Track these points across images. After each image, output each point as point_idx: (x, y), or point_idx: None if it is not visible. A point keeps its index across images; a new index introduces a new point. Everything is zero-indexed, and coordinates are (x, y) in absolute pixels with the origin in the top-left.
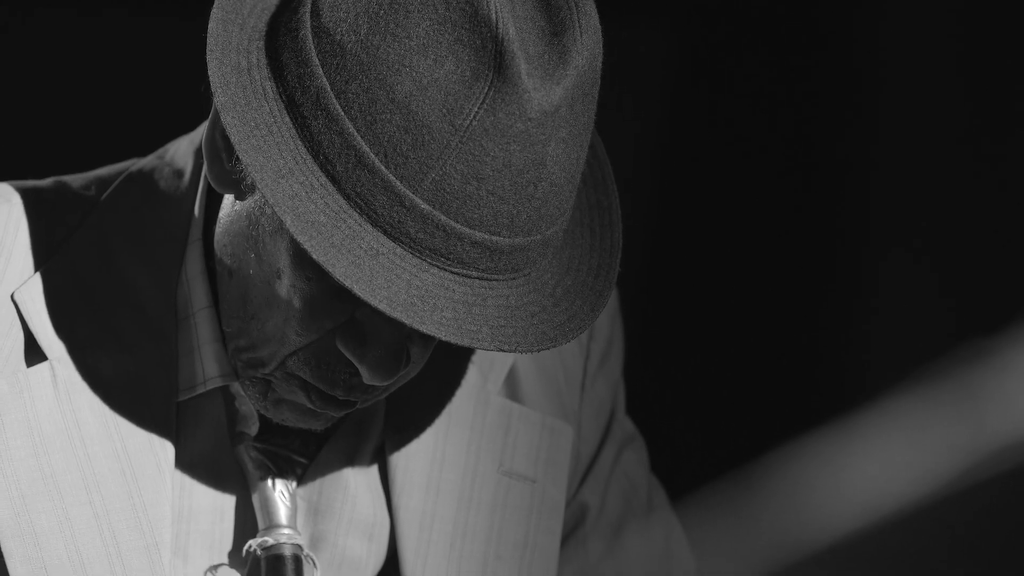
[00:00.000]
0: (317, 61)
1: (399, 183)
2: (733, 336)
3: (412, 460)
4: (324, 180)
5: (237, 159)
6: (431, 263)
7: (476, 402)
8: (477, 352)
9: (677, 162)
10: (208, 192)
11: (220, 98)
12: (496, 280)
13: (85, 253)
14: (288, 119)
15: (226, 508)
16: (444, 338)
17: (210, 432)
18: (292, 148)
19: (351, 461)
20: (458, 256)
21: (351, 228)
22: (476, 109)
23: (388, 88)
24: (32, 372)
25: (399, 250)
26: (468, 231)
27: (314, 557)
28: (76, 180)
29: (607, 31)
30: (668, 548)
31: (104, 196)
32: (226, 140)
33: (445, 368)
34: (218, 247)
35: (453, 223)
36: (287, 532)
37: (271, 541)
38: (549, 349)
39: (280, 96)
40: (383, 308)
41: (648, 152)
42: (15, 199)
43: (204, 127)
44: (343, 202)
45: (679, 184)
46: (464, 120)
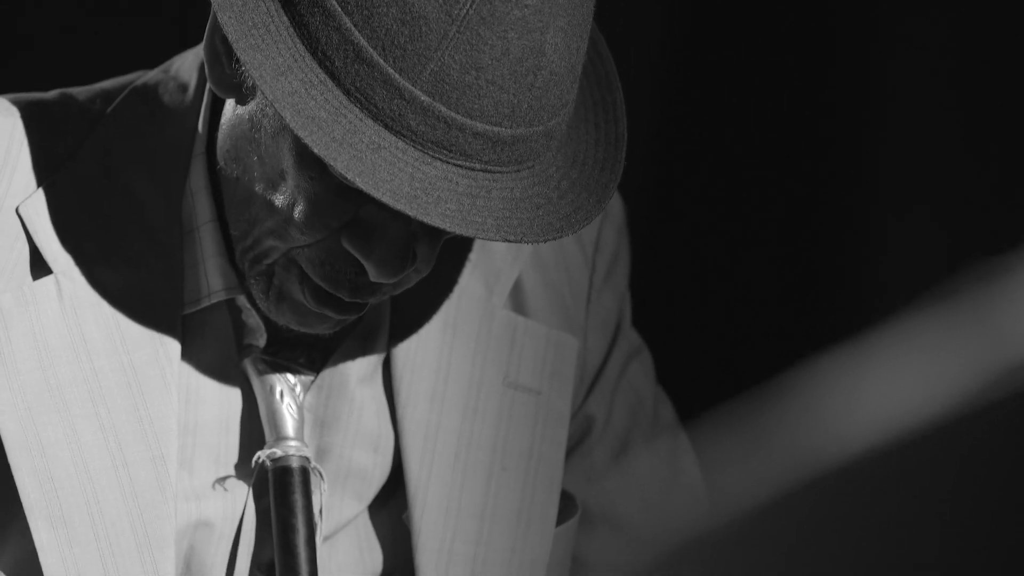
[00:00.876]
0: None
1: (398, 76)
2: (745, 254)
3: (417, 372)
4: (323, 76)
5: (237, 61)
6: (433, 156)
7: (481, 315)
8: (482, 265)
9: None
10: (212, 106)
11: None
12: (500, 172)
13: (90, 167)
14: (286, 17)
15: (232, 421)
16: (449, 229)
17: (216, 345)
18: (290, 46)
19: (356, 374)
20: (460, 148)
21: (351, 123)
22: None
23: None
24: (37, 286)
25: (400, 143)
26: (469, 122)
27: (321, 469)
28: (81, 93)
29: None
30: (674, 459)
31: (109, 110)
32: (225, 43)
33: (450, 281)
34: (221, 152)
35: (454, 114)
36: (295, 444)
37: (279, 453)
38: (555, 239)
39: None
40: (386, 201)
41: (648, 68)
42: (19, 112)
43: None
44: (343, 97)
45: (690, 96)
46: (461, 9)
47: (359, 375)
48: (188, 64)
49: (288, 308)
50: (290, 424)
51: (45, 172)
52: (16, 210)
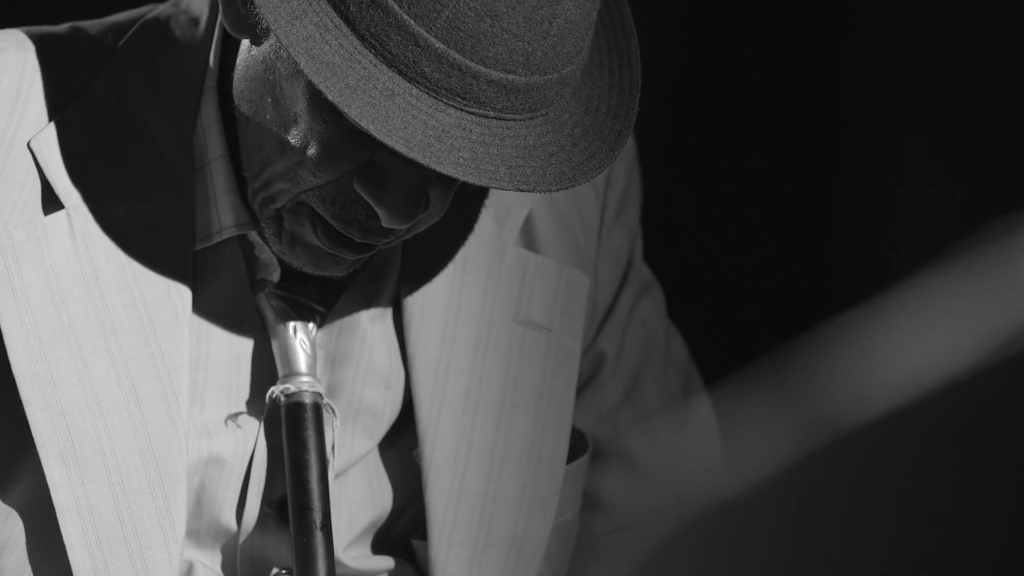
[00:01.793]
0: None
1: (413, 22)
2: (763, 217)
3: (428, 309)
4: (338, 20)
5: (251, 2)
6: (447, 103)
7: (492, 252)
8: (493, 202)
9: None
10: (224, 40)
11: None
12: (513, 120)
13: (101, 101)
14: None
15: (243, 356)
16: (462, 178)
17: (229, 280)
18: None
19: (368, 311)
20: (474, 95)
21: (365, 68)
22: None
23: None
24: (49, 220)
25: (415, 90)
26: (484, 70)
27: (333, 406)
28: (92, 27)
29: None
30: (686, 395)
31: (120, 43)
32: None
33: (461, 218)
34: (236, 93)
35: (468, 61)
36: (307, 380)
37: (292, 388)
38: (567, 188)
39: None
40: (400, 148)
41: (661, 17)
42: (31, 46)
43: None
44: (357, 42)
45: (703, 43)
46: None
47: (370, 312)
48: None
49: (302, 251)
50: (303, 360)
51: (57, 106)
52: (28, 144)
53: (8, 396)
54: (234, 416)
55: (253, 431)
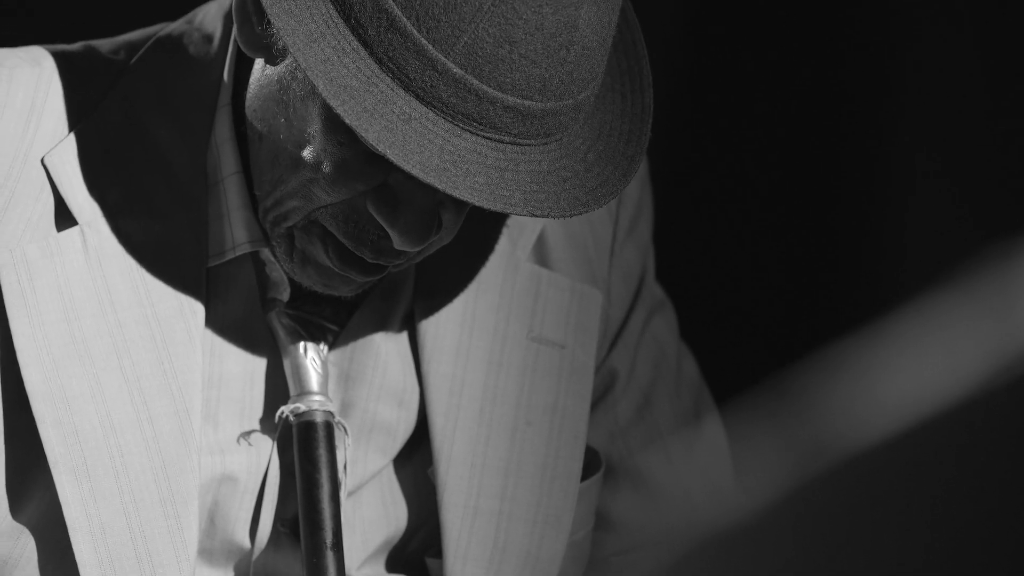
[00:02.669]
0: None
1: (431, 47)
2: (763, 241)
3: (442, 326)
4: (356, 44)
5: (268, 23)
6: (464, 128)
7: (505, 268)
8: (506, 218)
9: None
10: (237, 57)
11: None
12: (528, 145)
13: (115, 118)
14: None
15: (256, 374)
16: (477, 203)
17: (241, 298)
18: (323, 12)
19: (381, 328)
20: (491, 121)
21: (383, 92)
22: None
23: None
24: (63, 237)
25: (431, 115)
26: (500, 95)
27: (345, 424)
28: (105, 44)
29: None
30: (697, 414)
31: (133, 61)
32: (256, 4)
33: (474, 235)
34: (249, 112)
35: (485, 87)
36: (319, 399)
37: (303, 407)
38: (581, 215)
39: None
40: (416, 173)
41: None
42: (45, 63)
43: None
44: (375, 66)
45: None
46: None
47: (384, 329)
48: (212, 15)
49: (313, 270)
50: (314, 378)
51: (70, 122)
52: (42, 160)
53: (21, 413)
54: (247, 434)
55: (267, 449)
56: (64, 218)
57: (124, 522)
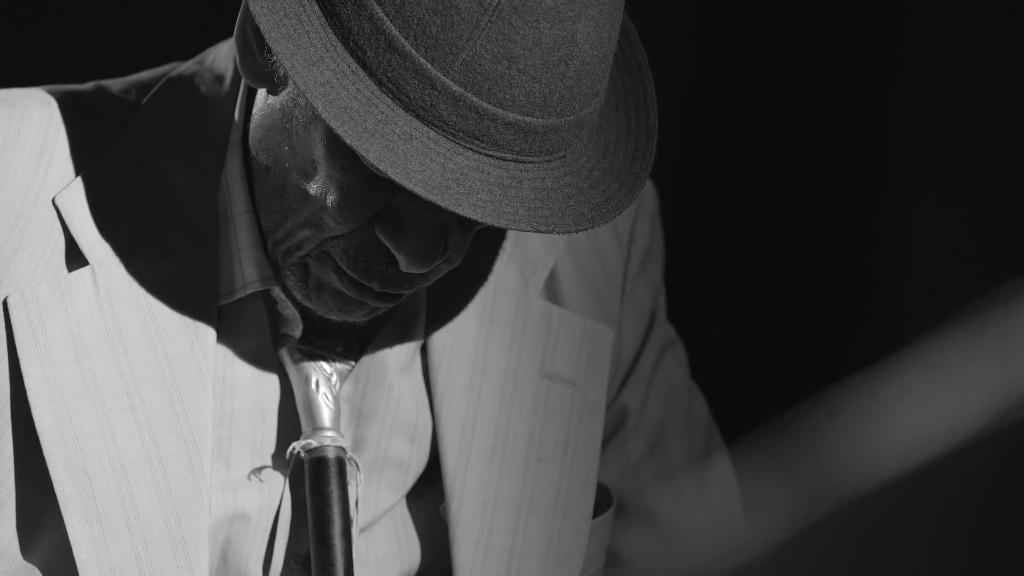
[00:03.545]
0: None
1: (430, 66)
2: (772, 283)
3: (454, 363)
4: (355, 66)
5: (268, 50)
6: (465, 146)
7: (517, 305)
8: (518, 255)
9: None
10: (248, 97)
11: None
12: (531, 162)
13: (126, 157)
14: (317, 7)
15: (268, 411)
16: (480, 219)
17: (252, 335)
18: (322, 35)
19: (394, 363)
20: (492, 138)
21: (383, 113)
22: None
23: None
24: (73, 277)
25: (432, 133)
26: (501, 112)
27: (357, 460)
28: (116, 84)
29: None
30: (708, 453)
31: (144, 100)
32: (257, 33)
33: (486, 271)
34: (253, 143)
35: (485, 104)
36: (331, 435)
37: (315, 444)
38: (586, 230)
39: None
40: (418, 191)
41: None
42: (55, 102)
43: None
44: (374, 87)
45: (718, 83)
46: None
47: (397, 364)
48: (223, 55)
49: (328, 297)
50: (326, 414)
51: (81, 162)
52: (53, 201)
53: (31, 453)
54: (259, 471)
55: (279, 486)
56: (75, 258)
57: (134, 562)
